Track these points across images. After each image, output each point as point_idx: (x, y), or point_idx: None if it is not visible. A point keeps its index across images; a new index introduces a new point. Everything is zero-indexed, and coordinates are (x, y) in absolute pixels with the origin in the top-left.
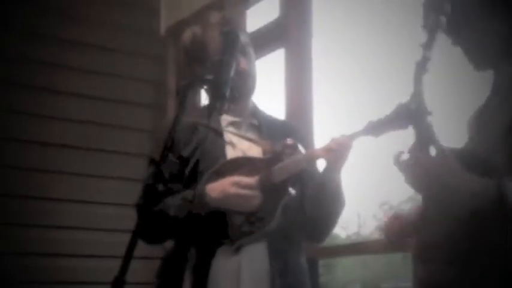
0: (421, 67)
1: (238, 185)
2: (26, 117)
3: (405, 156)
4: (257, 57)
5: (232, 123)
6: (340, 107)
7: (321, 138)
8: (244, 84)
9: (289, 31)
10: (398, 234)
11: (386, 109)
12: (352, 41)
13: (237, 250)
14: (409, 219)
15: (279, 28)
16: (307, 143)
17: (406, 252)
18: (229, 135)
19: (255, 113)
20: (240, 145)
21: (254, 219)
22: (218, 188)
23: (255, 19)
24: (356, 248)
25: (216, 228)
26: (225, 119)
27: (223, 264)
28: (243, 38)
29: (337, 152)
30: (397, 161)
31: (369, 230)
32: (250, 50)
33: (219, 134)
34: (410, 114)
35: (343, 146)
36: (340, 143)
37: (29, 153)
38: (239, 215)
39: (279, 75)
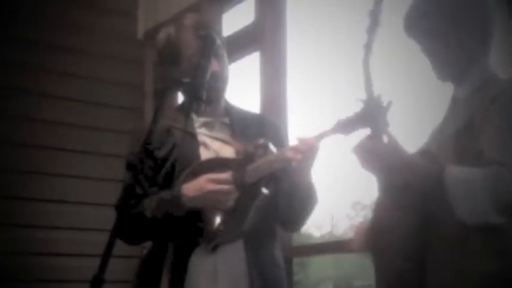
0: (367, 54)
1: (213, 181)
2: (4, 119)
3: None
4: (233, 61)
5: (204, 124)
6: (315, 109)
7: (295, 140)
8: (215, 85)
9: (264, 35)
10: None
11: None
12: (326, 43)
13: (214, 250)
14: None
15: (255, 32)
16: (283, 136)
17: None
18: (202, 137)
19: (228, 111)
20: (212, 146)
21: (229, 219)
22: (194, 187)
23: (231, 23)
24: (329, 247)
25: (193, 228)
26: (197, 120)
27: (200, 264)
28: (218, 41)
29: (304, 153)
30: (355, 148)
31: (342, 230)
32: (223, 52)
33: (193, 135)
34: (375, 109)
35: (310, 146)
36: (307, 143)
37: (9, 154)
38: (214, 214)
39: (254, 78)
